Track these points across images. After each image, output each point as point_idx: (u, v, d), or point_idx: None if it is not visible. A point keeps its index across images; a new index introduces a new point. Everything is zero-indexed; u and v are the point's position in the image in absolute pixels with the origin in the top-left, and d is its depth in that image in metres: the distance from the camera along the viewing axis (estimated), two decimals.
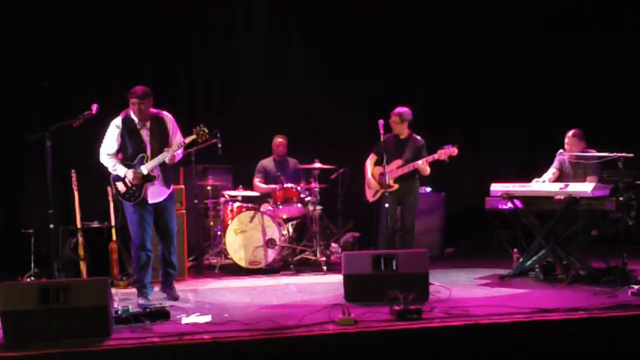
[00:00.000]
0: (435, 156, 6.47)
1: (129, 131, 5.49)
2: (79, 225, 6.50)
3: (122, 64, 8.00)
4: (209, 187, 7.87)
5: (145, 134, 5.51)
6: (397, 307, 4.65)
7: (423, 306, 4.83)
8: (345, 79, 8.68)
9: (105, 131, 5.57)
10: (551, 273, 6.26)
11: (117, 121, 5.53)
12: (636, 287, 5.30)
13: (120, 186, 5.51)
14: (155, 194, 5.53)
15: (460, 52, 8.85)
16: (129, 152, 5.51)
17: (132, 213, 5.53)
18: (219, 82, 8.81)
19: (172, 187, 5.68)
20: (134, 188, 5.47)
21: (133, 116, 5.49)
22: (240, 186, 7.76)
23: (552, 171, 6.57)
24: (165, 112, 5.65)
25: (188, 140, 5.54)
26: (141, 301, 5.45)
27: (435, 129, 6.76)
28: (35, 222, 6.92)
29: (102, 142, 5.57)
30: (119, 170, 5.49)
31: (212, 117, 8.14)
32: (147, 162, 5.47)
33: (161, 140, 5.52)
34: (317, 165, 7.46)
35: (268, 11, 8.87)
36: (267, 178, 7.94)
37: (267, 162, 8.05)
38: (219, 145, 7.31)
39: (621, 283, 5.61)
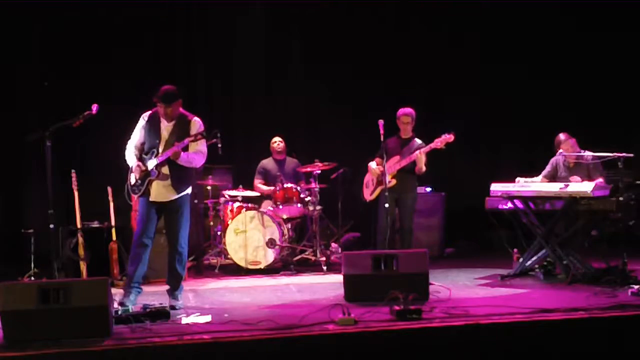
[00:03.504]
0: (432, 145, 6.48)
1: (151, 126, 5.43)
2: (79, 225, 6.51)
3: (123, 64, 8.01)
4: (209, 187, 7.87)
5: (164, 131, 5.41)
6: (397, 307, 4.65)
7: (423, 306, 4.83)
8: (345, 79, 8.68)
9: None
10: (551, 273, 6.26)
11: (146, 115, 5.49)
12: (636, 287, 5.29)
13: (132, 177, 5.45)
14: (160, 194, 5.37)
15: (461, 52, 8.86)
16: (145, 146, 5.44)
17: (140, 207, 5.45)
18: (219, 82, 8.82)
19: (184, 192, 5.41)
20: (139, 181, 5.40)
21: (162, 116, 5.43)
22: (240, 186, 7.77)
23: (539, 179, 6.53)
24: (196, 118, 5.47)
25: (188, 140, 5.30)
26: (122, 298, 5.23)
27: (436, 129, 6.76)
28: (35, 222, 6.93)
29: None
30: (129, 160, 5.45)
31: (212, 117, 8.14)
32: (156, 157, 5.37)
33: (178, 141, 5.31)
34: (317, 166, 7.45)
35: (268, 11, 8.88)
36: (268, 178, 7.94)
37: (267, 163, 8.05)
38: (219, 145, 7.32)
39: (621, 283, 5.60)
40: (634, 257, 6.05)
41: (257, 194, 7.82)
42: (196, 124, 5.44)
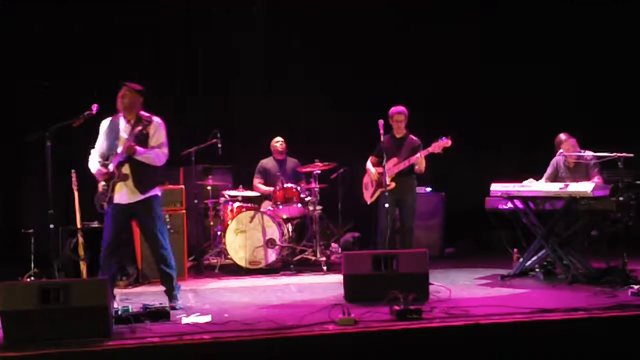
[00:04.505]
0: (430, 149, 6.49)
1: (111, 129, 5.32)
2: (79, 226, 6.51)
3: (122, 64, 8.00)
4: (209, 187, 7.87)
5: (123, 132, 5.27)
6: (397, 307, 4.65)
7: (423, 306, 4.83)
8: (345, 79, 8.68)
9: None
10: (551, 273, 6.27)
11: (106, 120, 5.39)
12: (636, 287, 5.29)
13: (100, 185, 5.29)
14: (124, 195, 5.21)
15: (461, 51, 8.85)
16: (106, 150, 5.28)
17: (107, 213, 5.27)
18: (218, 82, 8.81)
19: (150, 192, 5.27)
20: (106, 186, 5.23)
21: (122, 118, 5.32)
22: (240, 186, 7.77)
23: (542, 181, 6.52)
24: (156, 118, 5.32)
25: (137, 130, 5.16)
26: None
27: (435, 129, 6.77)
28: (35, 222, 6.92)
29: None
30: (92, 167, 5.31)
31: (213, 117, 8.15)
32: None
33: (138, 142, 5.19)
34: (317, 166, 7.45)
35: (268, 11, 8.88)
36: (268, 178, 7.94)
37: (267, 162, 8.04)
38: (219, 145, 7.37)
39: (621, 283, 5.60)
40: (634, 257, 6.05)
41: (257, 194, 7.81)
42: (156, 124, 5.29)
